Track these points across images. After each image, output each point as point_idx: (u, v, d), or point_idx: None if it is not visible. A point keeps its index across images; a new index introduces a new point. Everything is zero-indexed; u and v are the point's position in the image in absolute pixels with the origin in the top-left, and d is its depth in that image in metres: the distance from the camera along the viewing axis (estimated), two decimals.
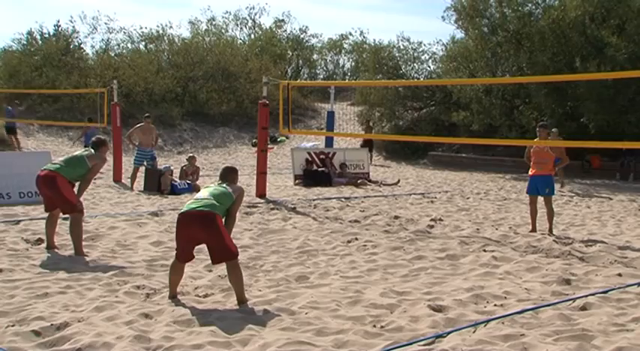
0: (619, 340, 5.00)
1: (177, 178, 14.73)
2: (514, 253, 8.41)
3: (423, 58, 29.96)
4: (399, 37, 35.67)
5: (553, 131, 14.13)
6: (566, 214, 12.33)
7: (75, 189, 8.00)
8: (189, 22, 39.59)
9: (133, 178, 14.66)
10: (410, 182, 18.06)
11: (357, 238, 9.06)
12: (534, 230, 10.00)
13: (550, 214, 9.99)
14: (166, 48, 33.90)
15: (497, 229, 10.32)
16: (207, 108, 30.02)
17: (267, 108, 13.41)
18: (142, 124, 15.00)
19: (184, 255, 5.95)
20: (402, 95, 27.63)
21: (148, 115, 15.43)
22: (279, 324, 5.28)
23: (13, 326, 5.04)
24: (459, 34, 27.19)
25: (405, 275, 7.14)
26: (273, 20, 41.79)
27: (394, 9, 73.21)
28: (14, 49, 31.03)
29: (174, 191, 13.73)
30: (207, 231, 5.74)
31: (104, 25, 45.19)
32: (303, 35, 40.46)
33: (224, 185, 6.08)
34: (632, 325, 5.42)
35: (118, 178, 15.70)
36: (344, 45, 41.29)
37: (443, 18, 25.37)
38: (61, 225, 8.60)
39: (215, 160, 24.14)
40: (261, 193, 13.25)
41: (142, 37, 34.53)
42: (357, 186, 16.40)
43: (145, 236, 8.85)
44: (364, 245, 8.65)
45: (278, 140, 27.88)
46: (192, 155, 16.48)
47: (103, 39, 42.47)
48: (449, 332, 5.15)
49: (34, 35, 31.25)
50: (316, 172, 16.73)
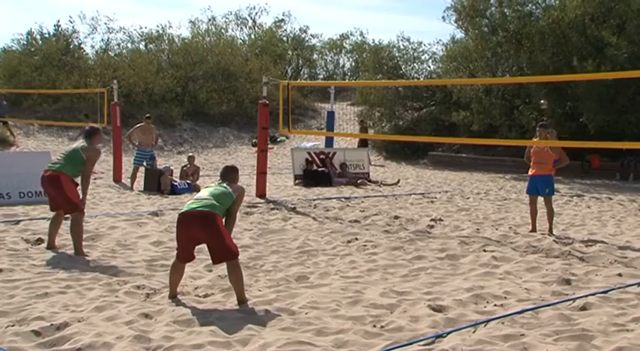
0: (619, 340, 5.00)
1: (177, 178, 14.75)
2: (514, 253, 8.41)
3: (423, 58, 29.96)
4: (399, 37, 35.69)
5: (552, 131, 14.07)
6: (566, 214, 12.33)
7: (78, 188, 8.01)
8: (189, 22, 39.58)
9: (132, 178, 14.66)
10: (410, 182, 18.06)
11: (357, 238, 9.07)
12: (534, 230, 10.00)
13: (550, 214, 9.99)
14: (166, 48, 33.86)
15: (497, 229, 10.32)
16: (207, 108, 29.98)
17: (267, 108, 13.42)
18: (142, 124, 15.00)
19: (185, 255, 5.96)
20: (402, 95, 27.61)
21: (148, 116, 15.43)
22: (279, 324, 5.28)
23: (13, 326, 5.05)
24: (459, 34, 27.22)
25: (405, 275, 7.15)
26: (273, 20, 41.81)
27: (394, 9, 73.26)
28: (14, 49, 31.02)
29: (174, 191, 13.74)
30: (207, 231, 5.75)
31: (104, 25, 45.14)
32: (303, 35, 40.48)
33: (224, 185, 6.08)
34: (632, 325, 5.42)
35: (118, 178, 15.70)
36: (344, 45, 41.27)
37: (443, 18, 25.37)
38: (62, 225, 8.58)
39: (215, 160, 24.12)
40: (261, 193, 13.26)
41: (142, 37, 34.52)
42: (357, 186, 16.40)
43: (145, 236, 8.86)
44: (364, 245, 8.65)
45: (278, 140, 27.86)
46: (191, 155, 16.51)
47: (102, 39, 42.44)
48: (449, 332, 5.15)
49: (34, 35, 31.20)
50: (316, 172, 16.72)
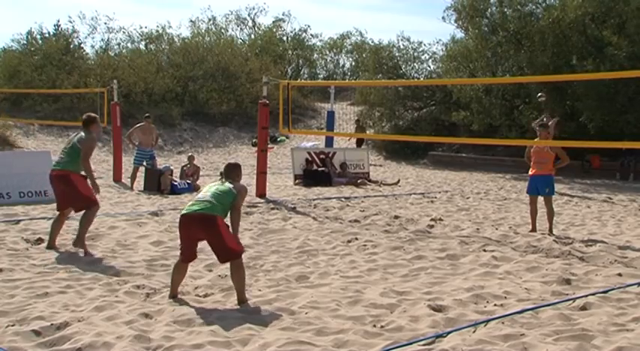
0: (619, 340, 5.00)
1: (177, 178, 14.75)
2: (514, 252, 8.41)
3: (423, 57, 29.94)
4: (399, 36, 35.59)
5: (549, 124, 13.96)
6: (566, 214, 12.33)
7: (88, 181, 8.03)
8: (190, 21, 39.59)
9: (132, 177, 14.66)
10: (410, 182, 18.05)
11: (357, 238, 9.06)
12: (534, 230, 10.00)
13: (550, 213, 9.99)
14: (166, 48, 33.85)
15: (497, 228, 10.32)
16: (207, 108, 29.96)
17: (267, 108, 13.42)
18: (142, 123, 15.00)
19: (187, 254, 5.99)
20: (402, 95, 27.60)
21: (148, 115, 15.42)
22: (279, 324, 5.28)
23: (13, 326, 5.05)
24: (459, 33, 27.19)
25: (405, 275, 7.14)
26: (272, 20, 41.78)
27: (394, 9, 73.24)
28: (14, 49, 31.01)
29: (174, 191, 13.74)
30: (208, 232, 5.78)
31: (104, 25, 45.15)
32: (303, 35, 40.44)
33: (226, 184, 6.07)
34: (632, 324, 5.42)
35: (118, 178, 15.70)
36: (344, 45, 41.22)
37: (443, 18, 25.34)
38: (64, 225, 8.57)
39: (215, 160, 24.12)
40: (261, 192, 13.25)
41: (142, 37, 34.52)
42: (357, 186, 16.39)
43: (145, 236, 8.86)
44: (364, 245, 8.65)
45: (278, 140, 27.85)
46: (191, 155, 16.52)
47: (102, 39, 42.41)
48: (449, 332, 5.15)
49: (34, 35, 31.22)
50: (316, 172, 16.72)
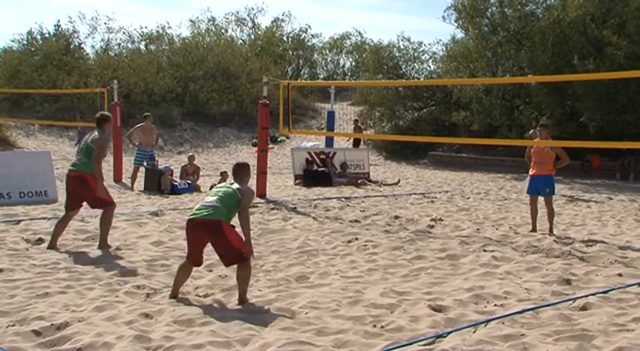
0: (619, 340, 5.00)
1: (177, 178, 14.75)
2: (514, 253, 8.41)
3: (423, 58, 30.01)
4: (399, 37, 35.62)
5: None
6: (567, 214, 12.33)
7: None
8: (190, 21, 39.58)
9: (133, 178, 14.65)
10: (410, 182, 18.05)
11: (357, 238, 9.06)
12: (534, 230, 10.00)
13: (550, 214, 9.99)
14: (166, 48, 33.86)
15: (497, 229, 10.31)
16: (208, 108, 29.98)
17: (268, 108, 13.42)
18: (142, 123, 14.97)
19: (194, 258, 6.02)
20: (402, 95, 27.63)
21: (147, 115, 15.32)
22: (279, 324, 5.28)
23: (13, 326, 5.04)
24: (459, 33, 27.25)
25: (405, 275, 7.14)
26: (271, 20, 41.75)
27: (394, 9, 73.31)
28: (14, 49, 31.03)
29: (174, 191, 13.74)
30: (213, 237, 5.82)
31: (104, 25, 45.12)
32: (303, 35, 40.44)
33: (233, 186, 6.02)
34: (633, 325, 5.42)
35: (118, 178, 15.69)
36: (344, 44, 41.22)
37: (443, 18, 25.41)
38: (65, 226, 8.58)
39: (215, 160, 24.13)
40: (262, 193, 13.25)
41: (142, 37, 34.54)
42: (358, 186, 16.39)
43: (145, 236, 8.86)
44: (364, 245, 8.65)
45: (278, 140, 27.86)
46: (191, 154, 16.52)
47: (102, 39, 42.42)
48: (449, 332, 5.15)
49: (34, 35, 31.25)
50: (316, 172, 16.72)
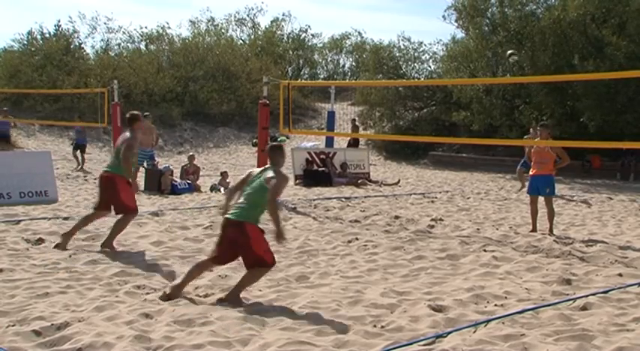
0: (619, 340, 5.00)
1: (177, 178, 14.75)
2: (514, 253, 8.41)
3: (423, 58, 30.01)
4: (399, 36, 35.59)
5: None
6: (567, 214, 12.33)
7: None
8: (190, 21, 39.53)
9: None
10: (410, 182, 18.05)
11: (357, 238, 9.06)
12: (535, 230, 10.00)
13: (550, 214, 9.98)
14: (166, 48, 33.85)
15: (497, 229, 10.32)
16: (208, 108, 29.97)
17: (268, 108, 13.41)
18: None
19: (219, 258, 6.02)
20: (402, 95, 27.63)
21: (147, 114, 15.25)
22: (279, 324, 5.28)
23: (13, 326, 5.04)
24: (459, 33, 27.26)
25: (406, 275, 7.14)
26: (270, 20, 41.71)
27: (394, 9, 73.20)
28: (15, 49, 31.02)
29: (174, 191, 13.74)
30: (239, 240, 5.83)
31: (104, 26, 45.06)
32: (303, 35, 40.41)
33: (262, 177, 5.97)
34: (633, 325, 5.42)
35: None
36: (344, 44, 41.20)
37: (443, 17, 25.46)
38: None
39: (215, 160, 24.13)
40: None
41: (142, 37, 34.51)
42: (358, 186, 16.40)
43: (145, 236, 8.86)
44: (364, 245, 8.64)
45: (278, 140, 27.83)
46: (191, 154, 16.52)
47: (102, 39, 42.34)
48: (449, 332, 5.15)
49: (34, 35, 31.24)
50: (316, 172, 16.72)
